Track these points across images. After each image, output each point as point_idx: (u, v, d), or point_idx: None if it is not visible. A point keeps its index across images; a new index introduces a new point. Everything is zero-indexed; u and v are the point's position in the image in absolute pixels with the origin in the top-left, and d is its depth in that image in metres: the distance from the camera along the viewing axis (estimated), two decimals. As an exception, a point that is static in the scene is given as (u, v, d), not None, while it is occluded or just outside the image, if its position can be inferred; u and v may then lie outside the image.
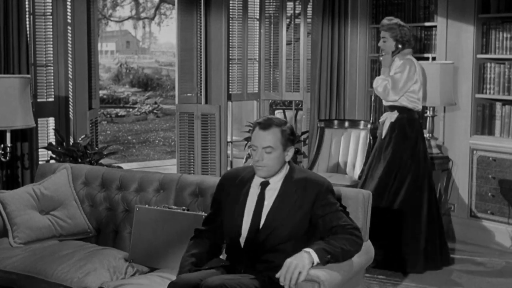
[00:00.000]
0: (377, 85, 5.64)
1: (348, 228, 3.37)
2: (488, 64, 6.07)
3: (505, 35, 5.93)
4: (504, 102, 5.99)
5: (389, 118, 5.64)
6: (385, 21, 5.71)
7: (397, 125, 5.59)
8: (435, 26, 6.46)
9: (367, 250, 3.77)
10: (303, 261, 3.19)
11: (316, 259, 3.22)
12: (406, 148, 5.53)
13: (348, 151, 6.74)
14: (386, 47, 5.67)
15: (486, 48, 6.08)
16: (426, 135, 6.11)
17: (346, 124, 6.86)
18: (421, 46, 6.64)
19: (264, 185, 3.48)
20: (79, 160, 5.69)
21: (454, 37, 6.24)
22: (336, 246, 3.29)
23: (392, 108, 5.66)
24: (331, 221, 3.37)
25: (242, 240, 3.42)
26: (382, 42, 5.67)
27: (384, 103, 5.75)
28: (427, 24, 6.55)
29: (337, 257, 3.29)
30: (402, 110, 5.60)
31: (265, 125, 3.41)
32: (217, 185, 3.63)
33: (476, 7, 6.03)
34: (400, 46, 5.62)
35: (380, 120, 5.79)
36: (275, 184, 3.47)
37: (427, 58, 6.32)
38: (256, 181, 3.50)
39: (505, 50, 5.94)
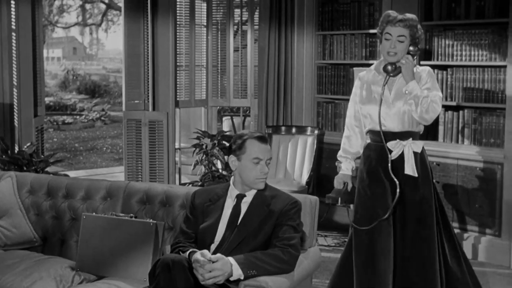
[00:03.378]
0: (421, 105, 4.05)
1: (284, 246, 3.49)
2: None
3: (447, 42, 6.06)
4: (447, 108, 6.11)
5: (408, 148, 4.17)
6: (399, 15, 4.15)
7: (421, 158, 4.23)
8: (380, 33, 6.55)
9: (315, 256, 3.83)
10: (228, 273, 3.33)
11: (240, 276, 3.36)
12: (431, 189, 4.24)
13: (296, 157, 6.80)
14: (400, 50, 4.11)
15: (429, 55, 6.20)
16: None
17: (294, 130, 6.92)
18: (366, 53, 6.73)
19: (240, 197, 3.64)
20: (25, 168, 5.62)
21: (398, 44, 6.34)
22: (262, 265, 3.41)
23: (407, 134, 4.19)
24: (277, 232, 3.53)
25: (212, 247, 3.56)
26: (398, 42, 4.10)
27: (389, 127, 4.20)
28: (371, 31, 6.65)
29: (259, 275, 3.40)
30: (415, 135, 4.25)
31: (264, 138, 3.65)
32: (189, 203, 3.76)
33: (419, 15, 6.15)
34: (417, 48, 4.18)
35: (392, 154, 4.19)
36: (249, 198, 3.65)
37: (372, 65, 6.42)
38: (232, 194, 3.67)
39: (448, 57, 6.07)
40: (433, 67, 6.16)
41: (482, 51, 5.86)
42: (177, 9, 7.36)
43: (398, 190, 4.09)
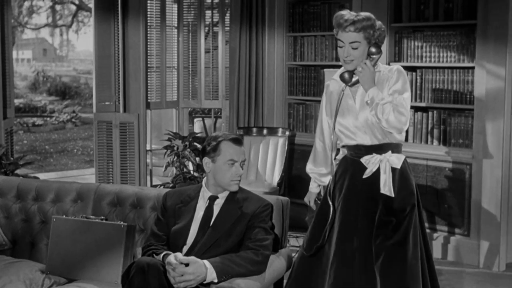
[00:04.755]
0: (383, 113, 3.59)
1: (257, 247, 3.50)
2: (401, 72, 6.23)
3: (416, 44, 6.12)
4: (416, 109, 6.16)
5: (384, 164, 3.68)
6: (348, 15, 3.66)
7: (401, 174, 3.73)
8: (350, 35, 6.59)
9: (287, 257, 3.84)
10: (202, 277, 3.33)
11: (213, 279, 3.36)
12: (413, 208, 3.72)
13: (267, 158, 6.81)
14: (356, 56, 3.67)
15: (398, 56, 6.25)
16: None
17: (265, 131, 6.94)
18: (336, 55, 6.77)
19: (213, 199, 3.64)
20: (-6, 171, 5.58)
21: (368, 45, 6.38)
22: (237, 269, 3.42)
23: (383, 147, 3.73)
24: (250, 234, 3.54)
25: (185, 248, 3.56)
26: (352, 49, 3.65)
27: (360, 141, 3.75)
28: (342, 32, 6.68)
29: (232, 277, 3.42)
30: (395, 147, 3.77)
31: (239, 140, 3.63)
32: (161, 205, 3.76)
33: (389, 16, 6.20)
34: (378, 49, 3.70)
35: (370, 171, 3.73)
36: (221, 200, 3.65)
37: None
38: (204, 195, 3.67)
39: (417, 58, 6.12)
40: (403, 68, 6.22)
41: (450, 53, 5.93)
42: (148, 10, 7.34)
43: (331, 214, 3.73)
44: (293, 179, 7.07)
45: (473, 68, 5.77)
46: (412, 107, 6.18)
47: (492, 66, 5.59)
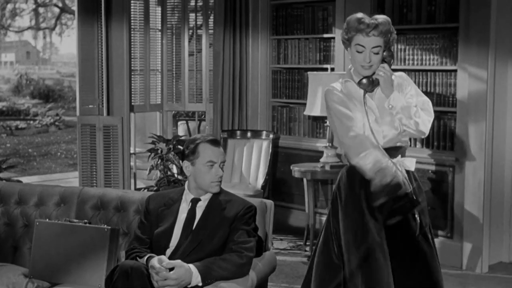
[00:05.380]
0: (415, 115, 3.53)
1: (241, 249, 3.51)
2: (384, 75, 6.25)
3: (399, 47, 6.14)
4: (400, 111, 6.19)
5: (400, 167, 3.55)
6: (368, 19, 3.56)
7: (414, 176, 3.69)
8: (334, 38, 6.62)
9: (271, 260, 3.85)
10: (185, 282, 3.34)
11: (198, 283, 3.37)
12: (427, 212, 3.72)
13: (251, 161, 6.82)
14: (376, 61, 3.53)
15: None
16: (326, 144, 6.25)
17: (249, 134, 6.94)
18: (320, 57, 6.79)
19: (195, 201, 3.65)
20: (-24, 175, 5.55)
21: (352, 48, 6.41)
22: (221, 272, 3.43)
23: (396, 150, 3.65)
24: (233, 236, 3.55)
25: (168, 251, 3.56)
26: (373, 54, 3.51)
27: (384, 143, 3.60)
28: (325, 35, 6.71)
29: (216, 280, 3.43)
30: (404, 151, 3.71)
31: (217, 141, 3.64)
32: (144, 208, 3.77)
33: (372, 20, 6.22)
34: (391, 53, 3.63)
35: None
36: (204, 202, 3.65)
37: (326, 69, 6.51)
38: (187, 198, 3.67)
39: (400, 61, 6.15)
40: (386, 71, 6.25)
41: (433, 56, 5.96)
42: (132, 13, 7.33)
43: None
44: (277, 182, 7.07)
45: (455, 71, 5.81)
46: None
47: (474, 69, 5.63)
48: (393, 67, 5.96)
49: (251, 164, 6.82)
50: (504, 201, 5.91)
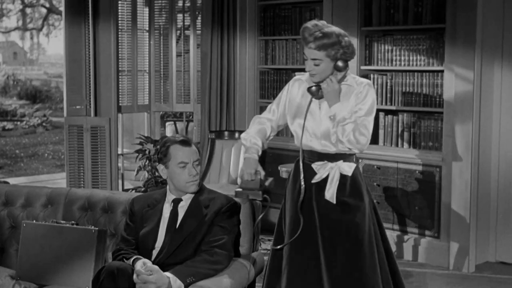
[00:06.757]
0: (343, 134, 3.59)
1: (211, 248, 3.52)
2: (372, 75, 6.29)
3: (386, 47, 6.17)
4: (387, 112, 6.21)
5: (334, 171, 3.69)
6: (313, 29, 3.57)
7: (352, 181, 3.72)
8: (321, 39, 6.62)
9: (258, 260, 3.86)
10: (165, 287, 3.32)
11: (180, 286, 3.36)
12: (363, 215, 3.70)
13: (239, 162, 6.82)
14: (319, 71, 3.58)
15: (369, 60, 6.30)
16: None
17: (237, 135, 6.93)
18: (308, 58, 6.79)
19: (177, 202, 3.66)
20: (-37, 176, 5.52)
21: (339, 49, 6.42)
22: (200, 271, 3.43)
23: (336, 156, 3.71)
24: (207, 236, 3.56)
25: (154, 252, 3.58)
26: (313, 65, 3.56)
27: (318, 147, 3.73)
28: (313, 36, 6.71)
29: (198, 280, 3.43)
30: (348, 157, 3.74)
31: (187, 141, 3.63)
32: (128, 210, 3.79)
33: (359, 20, 6.24)
34: (344, 64, 3.60)
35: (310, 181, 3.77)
36: (186, 202, 3.66)
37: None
38: (169, 199, 3.69)
39: (387, 62, 6.17)
40: (373, 72, 6.28)
41: (420, 56, 5.98)
42: (119, 13, 7.32)
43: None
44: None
45: (442, 71, 5.83)
46: (382, 110, 6.24)
47: (461, 69, 5.66)
48: (380, 68, 6.00)
49: (238, 164, 6.82)
50: (491, 201, 5.94)
